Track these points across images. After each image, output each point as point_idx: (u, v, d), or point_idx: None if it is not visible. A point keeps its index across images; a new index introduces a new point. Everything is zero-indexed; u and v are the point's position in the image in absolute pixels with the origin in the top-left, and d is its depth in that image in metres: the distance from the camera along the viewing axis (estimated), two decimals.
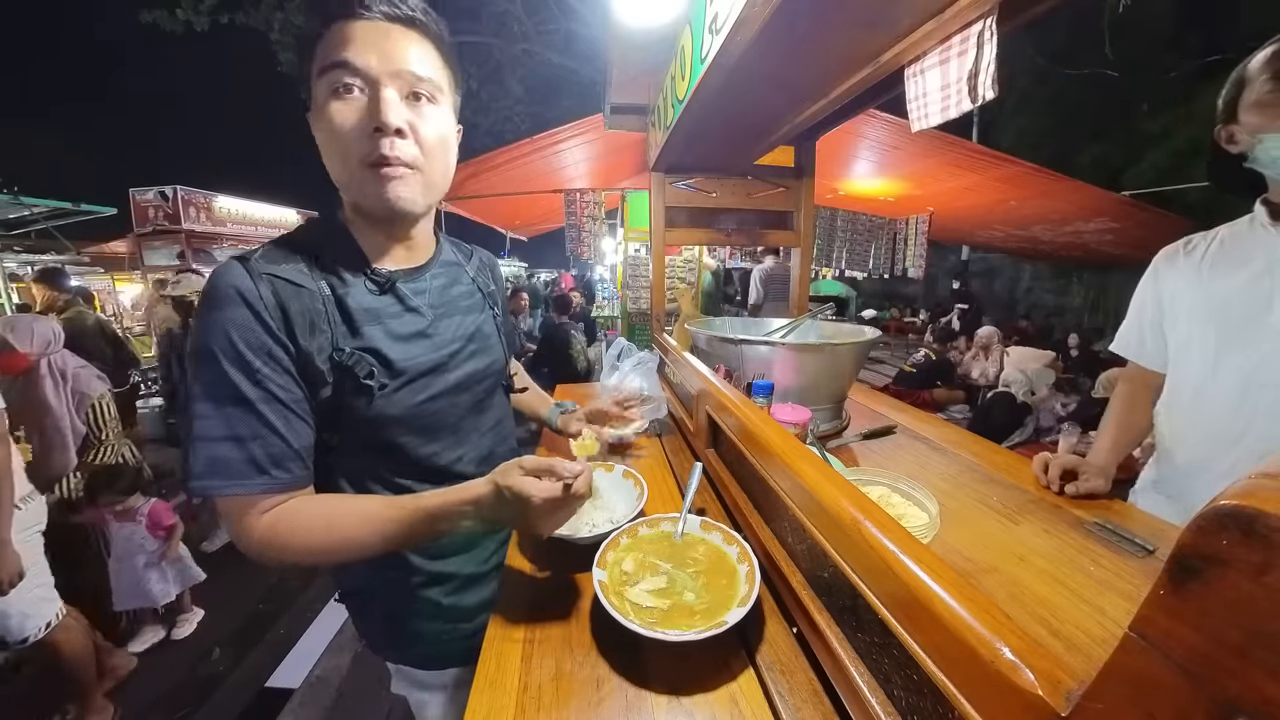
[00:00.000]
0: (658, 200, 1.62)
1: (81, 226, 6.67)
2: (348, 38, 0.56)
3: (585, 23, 8.14)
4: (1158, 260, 1.02)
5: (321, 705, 1.85)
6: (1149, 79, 7.37)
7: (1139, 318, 1.05)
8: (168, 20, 7.03)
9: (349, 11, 0.56)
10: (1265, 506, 0.19)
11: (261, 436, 0.57)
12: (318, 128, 0.59)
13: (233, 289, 0.56)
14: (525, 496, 0.55)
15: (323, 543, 0.59)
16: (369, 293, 0.65)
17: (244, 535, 0.58)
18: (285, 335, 0.58)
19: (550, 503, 0.56)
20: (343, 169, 0.59)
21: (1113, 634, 0.54)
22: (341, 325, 0.62)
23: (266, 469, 0.57)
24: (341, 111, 0.56)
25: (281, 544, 0.58)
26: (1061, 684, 0.29)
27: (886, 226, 6.42)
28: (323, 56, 0.57)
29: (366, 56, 0.56)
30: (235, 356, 0.56)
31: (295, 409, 0.59)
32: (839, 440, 1.17)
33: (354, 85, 0.56)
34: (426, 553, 0.74)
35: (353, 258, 0.65)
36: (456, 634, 0.78)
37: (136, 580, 1.97)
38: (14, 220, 5.92)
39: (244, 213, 8.52)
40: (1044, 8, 0.74)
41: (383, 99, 0.56)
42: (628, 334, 5.54)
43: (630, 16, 1.10)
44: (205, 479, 0.55)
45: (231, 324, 0.56)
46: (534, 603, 0.72)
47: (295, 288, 0.59)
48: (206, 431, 0.56)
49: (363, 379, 0.61)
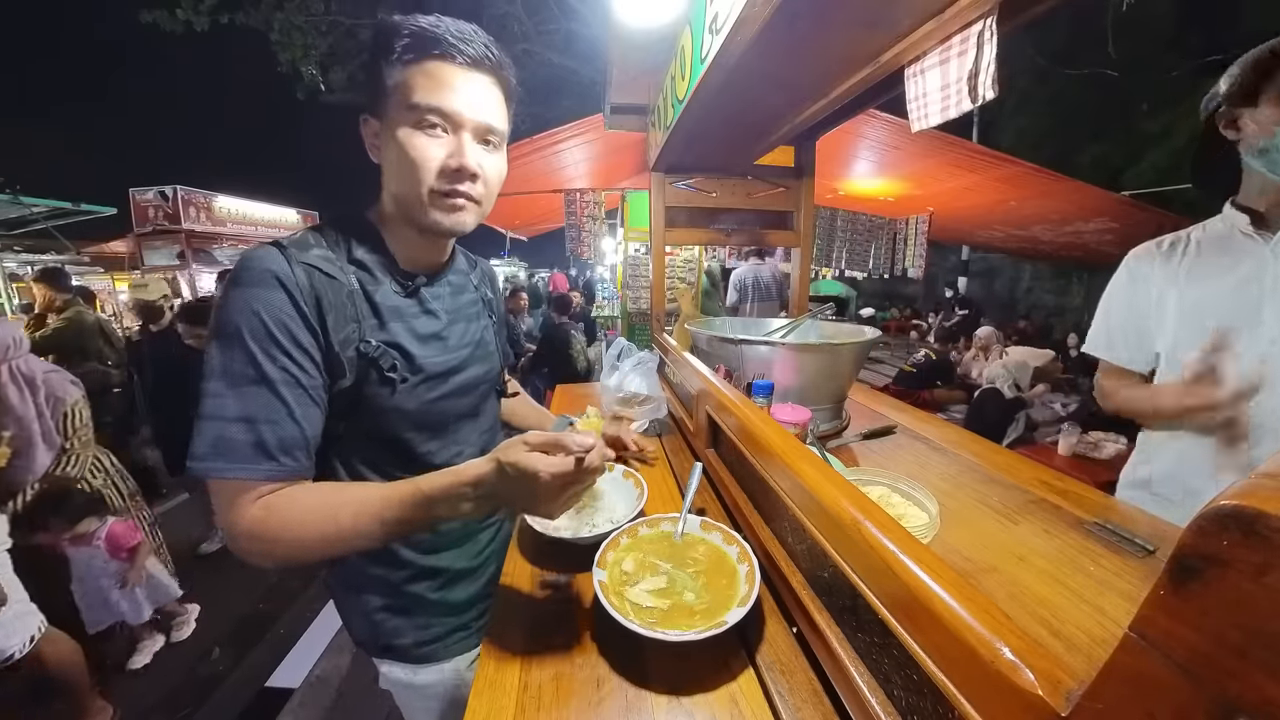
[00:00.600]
0: (658, 200, 1.62)
1: (81, 226, 6.67)
2: (441, 81, 0.60)
3: (585, 23, 8.13)
4: (1130, 261, 1.01)
5: (321, 705, 1.85)
6: (1149, 79, 7.37)
7: (1106, 321, 1.05)
8: (168, 20, 7.02)
9: (445, 55, 0.60)
10: (1266, 506, 0.19)
11: (275, 420, 0.56)
12: (389, 145, 0.62)
13: (269, 271, 0.57)
14: (532, 472, 0.51)
15: (317, 534, 0.56)
16: (394, 293, 0.68)
17: (233, 523, 0.55)
18: (316, 322, 0.59)
19: (560, 478, 0.52)
20: (411, 190, 0.63)
21: (1113, 634, 0.54)
22: (370, 318, 0.65)
23: (274, 455, 0.56)
24: (425, 145, 0.61)
25: (272, 536, 0.55)
26: (1061, 684, 0.29)
27: (886, 226, 6.41)
28: (411, 89, 0.59)
29: (457, 104, 0.61)
30: (263, 335, 0.56)
31: (313, 395, 0.59)
32: (839, 440, 1.17)
33: (440, 125, 0.61)
34: (418, 547, 0.75)
35: (381, 257, 0.68)
36: (444, 629, 0.78)
37: (104, 600, 1.86)
38: (14, 220, 5.92)
39: (244, 213, 8.53)
40: (1044, 8, 0.74)
41: (466, 146, 0.62)
42: (628, 334, 5.54)
43: (630, 16, 1.10)
44: (208, 460, 0.54)
45: (263, 304, 0.56)
46: (534, 603, 0.72)
47: (328, 278, 0.61)
48: (218, 410, 0.54)
49: (386, 371, 0.64)
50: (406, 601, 0.76)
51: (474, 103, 0.62)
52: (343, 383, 0.62)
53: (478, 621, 0.82)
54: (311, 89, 8.23)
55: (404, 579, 0.75)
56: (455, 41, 0.59)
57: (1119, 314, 1.03)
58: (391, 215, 0.69)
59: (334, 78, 8.23)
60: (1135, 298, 1.00)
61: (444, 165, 0.61)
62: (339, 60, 8.15)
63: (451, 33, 0.59)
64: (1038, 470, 0.94)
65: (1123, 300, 1.02)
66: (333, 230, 0.67)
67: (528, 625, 0.67)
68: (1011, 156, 3.92)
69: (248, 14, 7.36)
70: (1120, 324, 1.03)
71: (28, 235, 6.51)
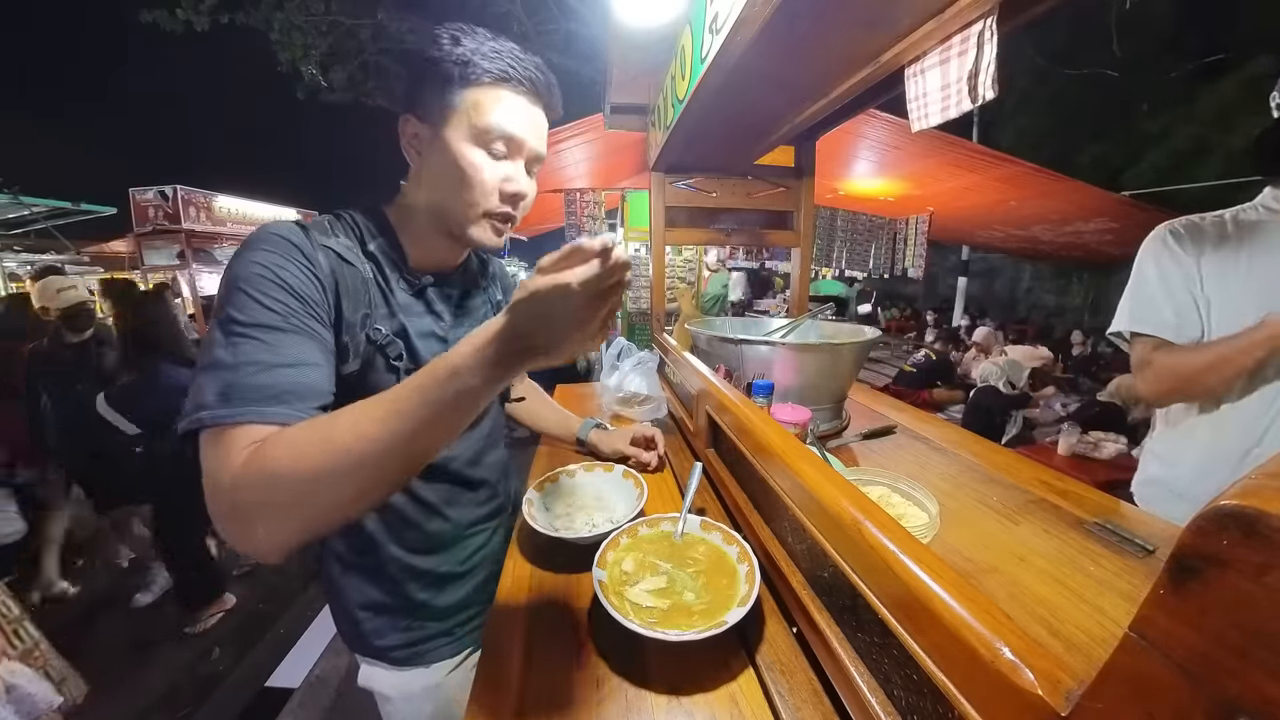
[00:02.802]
0: (658, 200, 1.62)
1: (81, 226, 6.68)
2: (513, 109, 0.63)
3: (585, 23, 8.13)
4: (1170, 237, 0.98)
5: (321, 705, 1.85)
6: (1149, 79, 7.37)
7: (1144, 291, 1.00)
8: (168, 20, 7.01)
9: (520, 85, 0.63)
10: (1266, 506, 0.19)
11: (292, 365, 0.51)
12: (439, 154, 0.63)
13: (287, 240, 0.57)
14: (564, 285, 0.41)
15: (320, 463, 0.43)
16: (402, 290, 0.69)
17: (225, 469, 0.45)
18: (333, 299, 0.59)
19: (592, 284, 0.41)
20: (461, 205, 0.65)
21: (1113, 634, 0.54)
22: (382, 307, 0.66)
23: (289, 400, 0.49)
24: (487, 167, 0.63)
25: (269, 471, 0.44)
26: (1061, 684, 0.29)
27: (886, 226, 6.42)
28: (483, 110, 0.61)
29: (524, 132, 0.64)
30: (280, 287, 0.53)
31: (327, 354, 0.56)
32: (839, 440, 1.17)
33: (503, 149, 0.64)
34: (407, 547, 0.75)
35: (393, 254, 0.69)
36: (426, 633, 0.78)
37: None
38: (14, 220, 5.92)
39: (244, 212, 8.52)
40: (1044, 8, 0.73)
41: (523, 173, 0.67)
42: (628, 334, 5.54)
43: (630, 16, 1.10)
44: (215, 407, 0.46)
45: (280, 264, 0.55)
46: (534, 603, 0.72)
47: (346, 264, 0.62)
48: (230, 358, 0.49)
49: (393, 360, 0.65)
50: (391, 602, 0.76)
51: (536, 134, 0.66)
52: (348, 367, 0.61)
53: (462, 628, 0.82)
54: (311, 89, 8.22)
55: (390, 578, 0.75)
56: (534, 73, 0.64)
57: (1162, 284, 0.99)
58: (414, 216, 0.69)
59: (334, 77, 8.22)
60: (1181, 267, 0.96)
61: (503, 189, 0.65)
62: (339, 60, 8.14)
63: (531, 65, 0.64)
64: (1038, 470, 0.94)
65: (1167, 270, 0.98)
66: (350, 220, 0.68)
67: (527, 625, 0.67)
68: (1011, 156, 3.93)
69: (248, 14, 7.34)
70: (1164, 294, 0.98)
71: (28, 235, 6.52)
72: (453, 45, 0.61)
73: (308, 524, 0.45)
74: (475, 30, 0.63)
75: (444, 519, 0.78)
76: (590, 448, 1.14)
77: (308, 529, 0.45)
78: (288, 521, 0.45)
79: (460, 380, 0.44)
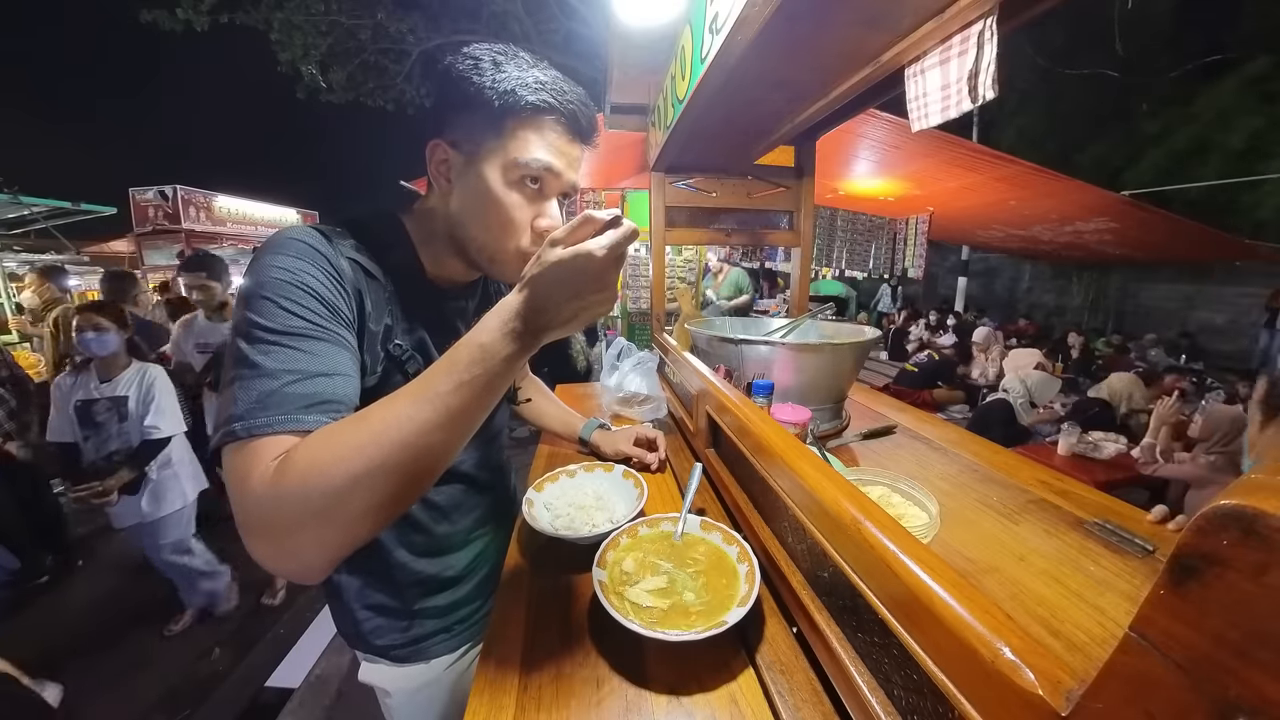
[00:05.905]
0: (658, 200, 1.62)
1: (81, 226, 6.68)
2: (552, 144, 0.60)
3: (585, 23, 8.13)
4: None
5: (321, 705, 1.85)
6: (1149, 79, 7.37)
7: None
8: (168, 20, 7.02)
9: (568, 122, 0.60)
10: (1265, 506, 0.19)
11: (327, 374, 0.50)
12: (473, 183, 0.60)
13: (312, 247, 0.56)
14: (585, 252, 0.45)
15: (359, 463, 0.42)
16: (421, 303, 0.68)
17: (252, 483, 0.43)
18: (357, 309, 0.58)
19: (616, 249, 0.46)
20: (488, 240, 0.62)
21: (1113, 634, 0.54)
22: (402, 320, 0.65)
23: (325, 410, 0.48)
24: (521, 206, 0.61)
25: (300, 474, 0.42)
26: (1061, 684, 0.29)
27: (886, 226, 6.42)
28: (527, 145, 0.58)
29: (563, 169, 0.61)
30: (308, 293, 0.52)
31: (357, 370, 0.55)
32: (839, 440, 1.17)
33: (538, 185, 0.61)
34: (409, 549, 0.75)
35: (411, 267, 0.68)
36: (425, 630, 0.79)
37: None
38: (14, 220, 5.92)
39: (244, 212, 8.53)
40: (1044, 7, 0.73)
41: (555, 207, 0.63)
42: (628, 334, 5.54)
43: (630, 16, 1.10)
44: (250, 417, 0.44)
45: (306, 270, 0.53)
46: (534, 603, 0.71)
47: (369, 276, 0.61)
48: (264, 365, 0.47)
49: (411, 374, 0.63)
50: (393, 604, 0.76)
51: (574, 168, 0.63)
52: (367, 381, 0.60)
53: (462, 624, 0.83)
54: (311, 89, 8.23)
55: (394, 582, 0.75)
56: (577, 107, 0.60)
57: None
58: (434, 233, 0.67)
59: (334, 77, 8.23)
60: None
61: (535, 225, 0.62)
62: (339, 60, 8.14)
63: (575, 98, 0.60)
64: (1038, 470, 0.94)
65: None
66: (369, 229, 0.65)
67: (527, 625, 0.67)
68: (1011, 156, 3.93)
69: (248, 14, 7.35)
70: None
71: (28, 235, 6.52)
72: (495, 70, 0.57)
73: (348, 531, 0.44)
74: (518, 53, 0.60)
75: (450, 523, 0.79)
76: (592, 448, 1.14)
77: (349, 536, 0.44)
78: (327, 529, 0.43)
79: (489, 358, 0.45)
